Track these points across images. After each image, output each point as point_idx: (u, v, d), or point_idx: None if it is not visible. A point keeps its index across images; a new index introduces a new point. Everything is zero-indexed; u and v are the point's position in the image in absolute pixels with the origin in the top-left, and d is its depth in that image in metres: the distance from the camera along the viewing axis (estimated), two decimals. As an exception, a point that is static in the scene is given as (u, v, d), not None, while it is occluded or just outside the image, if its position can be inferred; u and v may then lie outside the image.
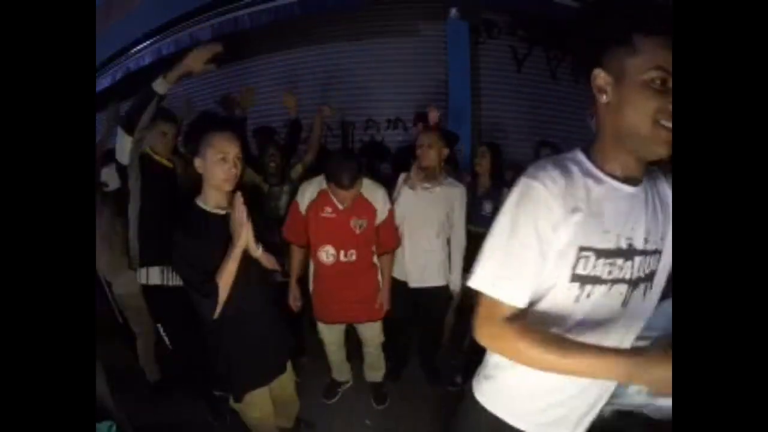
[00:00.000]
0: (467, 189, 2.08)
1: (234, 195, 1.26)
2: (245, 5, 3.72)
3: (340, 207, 1.71)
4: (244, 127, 2.44)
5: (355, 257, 1.79)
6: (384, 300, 1.92)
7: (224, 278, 1.22)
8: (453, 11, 3.51)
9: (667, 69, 0.57)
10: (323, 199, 1.74)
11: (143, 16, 4.54)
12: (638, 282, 0.70)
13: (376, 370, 2.11)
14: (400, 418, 2.01)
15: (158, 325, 1.89)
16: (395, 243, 1.92)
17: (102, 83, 4.84)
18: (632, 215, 0.68)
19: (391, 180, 2.08)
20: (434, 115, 2.36)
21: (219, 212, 1.28)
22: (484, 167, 2.27)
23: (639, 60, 0.59)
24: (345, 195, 1.64)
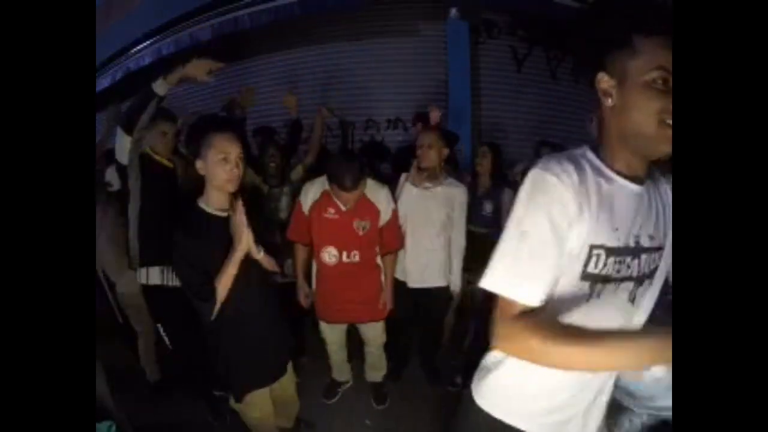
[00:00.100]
0: (467, 189, 2.08)
1: (235, 198, 1.26)
2: (245, 5, 3.72)
3: (343, 208, 1.71)
4: (244, 128, 2.44)
5: (358, 258, 1.78)
6: (387, 299, 1.92)
7: (223, 282, 1.21)
8: (453, 11, 3.51)
9: (669, 68, 0.58)
10: (326, 200, 1.74)
11: (143, 16, 4.54)
12: (643, 279, 0.71)
13: (377, 370, 2.11)
14: (400, 418, 2.01)
15: (158, 325, 1.89)
16: (399, 244, 1.92)
17: (102, 83, 4.84)
18: (639, 213, 0.68)
19: (391, 180, 2.08)
20: (435, 115, 2.36)
21: (220, 214, 1.27)
22: (485, 167, 2.27)
23: (640, 61, 0.60)
24: (347, 197, 1.63)
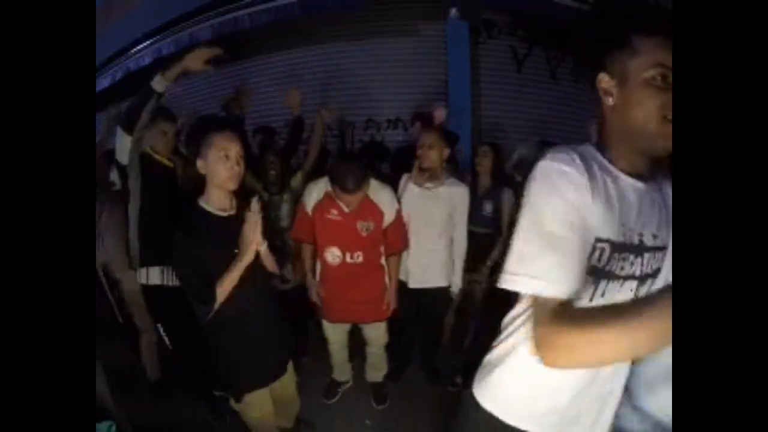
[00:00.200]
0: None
1: (241, 201, 1.25)
2: (245, 5, 3.73)
3: (346, 210, 1.70)
4: (243, 127, 2.43)
5: (362, 259, 1.78)
6: (391, 300, 1.91)
7: (224, 286, 1.21)
8: (453, 11, 3.51)
9: (667, 65, 0.59)
10: (328, 202, 1.73)
11: (143, 16, 4.55)
12: (646, 278, 0.71)
13: (378, 370, 2.11)
14: (400, 418, 2.01)
15: (158, 326, 1.89)
16: (403, 245, 1.91)
17: (102, 83, 4.85)
18: (643, 212, 0.68)
19: (391, 180, 2.08)
20: (440, 114, 2.31)
21: (221, 214, 1.27)
22: (486, 167, 2.26)
23: (639, 60, 0.61)
24: (350, 199, 1.63)
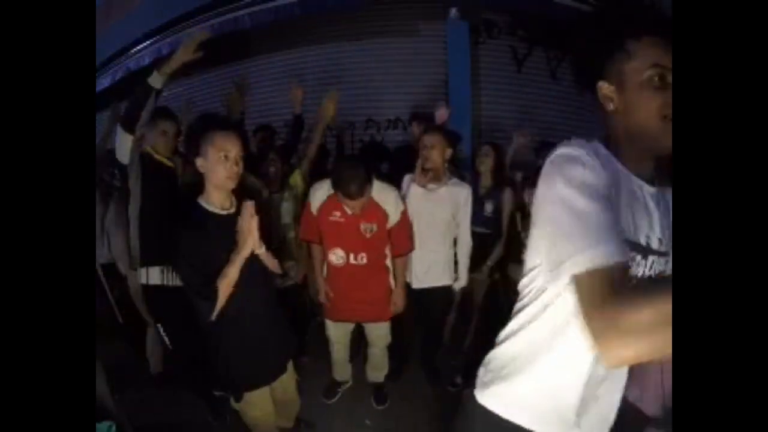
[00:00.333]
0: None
1: (240, 199, 1.25)
2: (245, 5, 3.72)
3: (349, 212, 1.70)
4: (243, 126, 2.43)
5: (366, 260, 1.78)
6: (398, 301, 1.90)
7: (225, 283, 1.21)
8: (453, 11, 3.51)
9: (663, 65, 0.59)
10: (332, 203, 1.73)
11: (143, 16, 4.54)
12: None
13: (379, 371, 2.10)
14: (400, 418, 2.01)
15: (158, 326, 1.88)
16: (408, 247, 1.89)
17: (102, 83, 4.84)
18: (650, 214, 0.68)
19: (391, 180, 2.08)
20: (442, 114, 2.29)
21: (221, 212, 1.27)
22: (487, 166, 2.26)
23: (635, 63, 0.62)
24: (353, 204, 1.63)
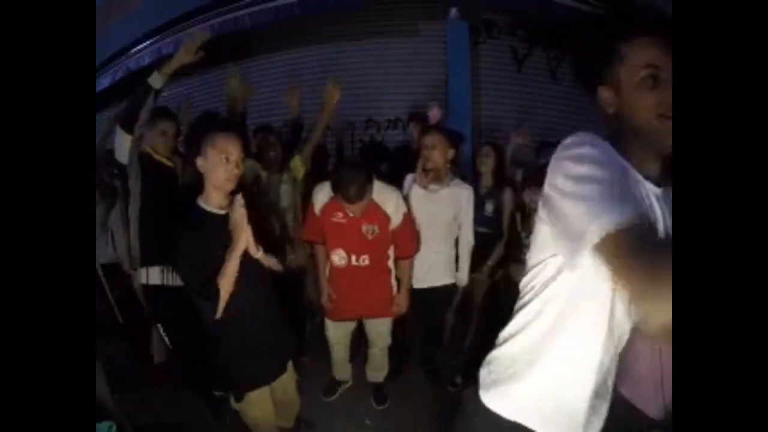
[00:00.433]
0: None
1: (234, 196, 1.26)
2: (245, 5, 3.73)
3: (351, 214, 1.70)
4: (244, 123, 2.42)
5: (368, 261, 1.77)
6: (402, 302, 1.89)
7: (224, 280, 1.21)
8: (453, 11, 3.51)
9: (655, 64, 0.61)
10: (334, 205, 1.72)
11: (143, 16, 4.54)
12: None
13: (379, 371, 2.10)
14: (400, 418, 2.01)
15: (158, 326, 1.89)
16: (412, 250, 1.86)
17: (102, 83, 4.84)
18: (654, 213, 0.68)
19: (391, 180, 2.07)
20: (435, 114, 2.29)
21: (220, 212, 1.27)
22: (488, 167, 2.26)
23: (629, 65, 0.63)
24: (353, 207, 1.62)
